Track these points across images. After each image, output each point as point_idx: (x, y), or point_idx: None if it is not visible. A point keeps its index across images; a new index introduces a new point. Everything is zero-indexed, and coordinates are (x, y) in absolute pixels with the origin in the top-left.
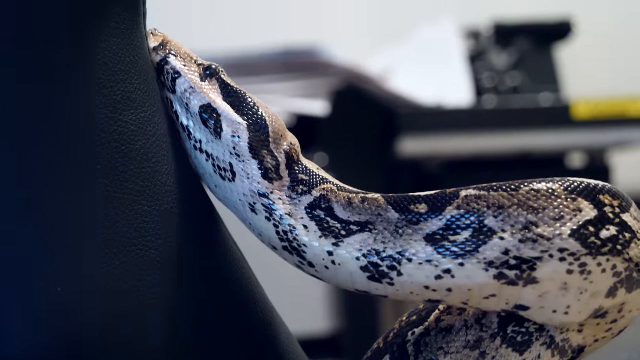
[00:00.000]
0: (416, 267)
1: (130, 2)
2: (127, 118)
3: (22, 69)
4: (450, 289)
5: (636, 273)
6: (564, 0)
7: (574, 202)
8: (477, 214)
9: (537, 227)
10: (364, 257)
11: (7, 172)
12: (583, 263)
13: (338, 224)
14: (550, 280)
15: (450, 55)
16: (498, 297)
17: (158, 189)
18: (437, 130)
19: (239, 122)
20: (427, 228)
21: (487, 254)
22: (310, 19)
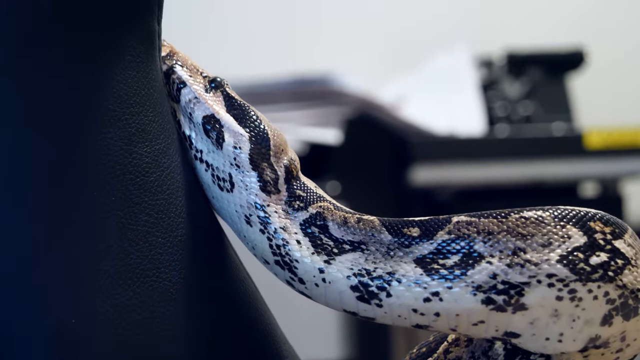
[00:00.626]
0: (405, 288)
1: (145, 35)
2: (141, 150)
3: (38, 101)
4: (438, 313)
5: (632, 300)
6: (577, 30)
7: (563, 229)
8: (467, 239)
9: (525, 253)
10: (354, 276)
11: (20, 205)
12: (573, 289)
13: (331, 242)
14: (540, 306)
15: (463, 84)
16: (487, 324)
17: (172, 221)
18: (450, 159)
19: (241, 134)
20: (417, 251)
21: (475, 277)
22: (324, 47)
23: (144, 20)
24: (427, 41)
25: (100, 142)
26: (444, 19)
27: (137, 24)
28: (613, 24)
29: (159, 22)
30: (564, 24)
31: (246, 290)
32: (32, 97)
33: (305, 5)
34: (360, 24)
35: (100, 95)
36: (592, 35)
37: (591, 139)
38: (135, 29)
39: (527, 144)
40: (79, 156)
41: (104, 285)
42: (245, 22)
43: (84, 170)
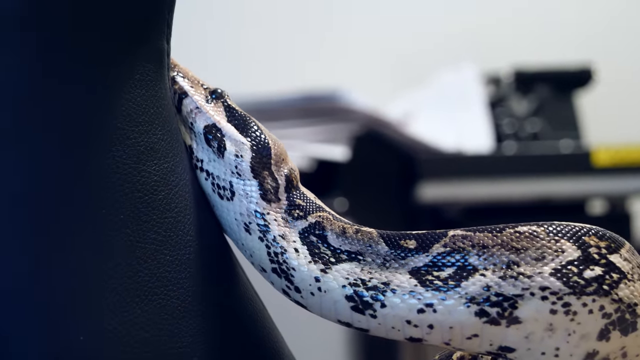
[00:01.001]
0: (399, 299)
1: (155, 54)
2: (150, 168)
3: (48, 118)
4: (432, 325)
5: (629, 315)
6: (584, 48)
7: (557, 243)
8: (462, 253)
9: (518, 266)
10: (349, 286)
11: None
12: (567, 303)
13: (329, 251)
14: (534, 320)
15: (470, 101)
16: (481, 338)
17: (180, 239)
18: (457, 176)
19: (242, 142)
20: (413, 263)
21: (468, 289)
22: (332, 64)
23: (154, 39)
24: (435, 58)
25: (109, 160)
26: (452, 36)
27: (147, 42)
28: (621, 42)
29: (168, 41)
30: (572, 41)
31: (254, 309)
32: (42, 114)
33: (313, 22)
34: (368, 40)
35: (110, 114)
36: (600, 52)
37: (599, 156)
38: (144, 48)
39: (534, 161)
40: (88, 173)
41: (112, 303)
42: (252, 40)
43: (93, 187)
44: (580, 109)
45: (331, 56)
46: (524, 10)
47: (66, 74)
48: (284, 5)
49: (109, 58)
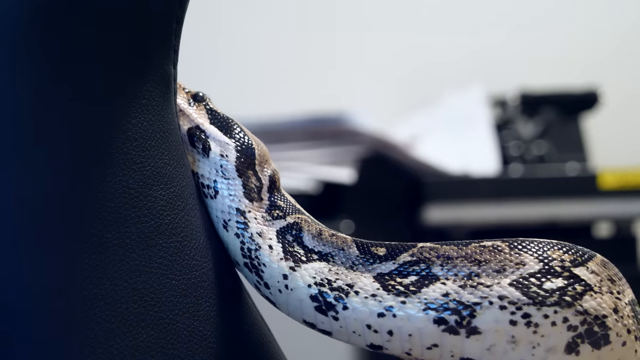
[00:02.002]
0: (361, 300)
1: (161, 78)
2: (156, 193)
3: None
4: (391, 331)
5: (598, 327)
6: (590, 71)
7: (518, 257)
8: (427, 263)
9: (478, 277)
10: (315, 286)
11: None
12: (527, 314)
13: (302, 250)
14: (494, 331)
15: (476, 124)
16: (441, 348)
17: (186, 263)
18: (464, 198)
19: (227, 143)
20: (379, 269)
21: (428, 295)
22: (338, 86)
23: (161, 64)
24: (442, 81)
25: (116, 185)
26: (458, 59)
27: (154, 67)
28: (627, 65)
29: (174, 65)
30: (578, 64)
31: (259, 332)
32: (49, 138)
33: (320, 44)
34: (375, 63)
35: (116, 138)
36: (605, 76)
37: (605, 179)
38: (151, 73)
39: (540, 184)
40: (95, 198)
41: (118, 327)
42: (259, 62)
43: (99, 212)
44: (586, 131)
45: (338, 79)
46: (530, 34)
47: (73, 98)
48: (290, 28)
49: (115, 83)
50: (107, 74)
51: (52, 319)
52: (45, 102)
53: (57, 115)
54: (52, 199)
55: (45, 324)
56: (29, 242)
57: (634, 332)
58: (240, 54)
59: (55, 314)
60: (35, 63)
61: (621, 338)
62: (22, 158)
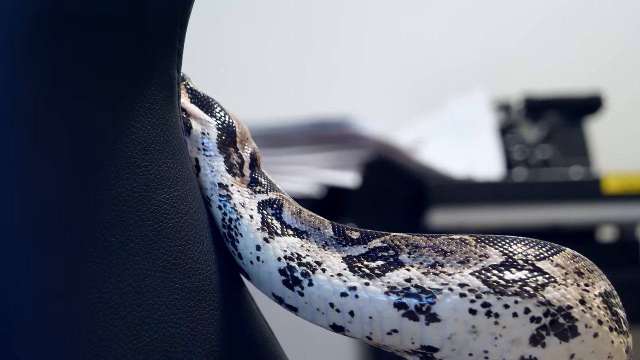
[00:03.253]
0: (327, 278)
1: (165, 82)
2: (160, 197)
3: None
4: (353, 312)
5: (563, 319)
6: (594, 75)
7: (483, 249)
8: (395, 249)
9: (442, 266)
10: (285, 259)
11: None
12: (486, 303)
13: (279, 224)
14: (454, 319)
15: (481, 128)
16: (400, 334)
17: (190, 267)
18: (467, 202)
19: (208, 121)
20: (350, 251)
21: (391, 278)
22: (342, 90)
23: (164, 68)
24: (446, 85)
25: (120, 188)
26: (462, 63)
27: (158, 71)
28: (631, 69)
29: (178, 69)
30: (582, 68)
31: (262, 336)
32: (52, 140)
33: (324, 49)
34: (379, 68)
35: (120, 141)
36: (610, 80)
37: (609, 183)
38: (154, 77)
39: (544, 188)
40: (99, 201)
41: (122, 331)
42: (263, 66)
43: (103, 215)
44: (590, 136)
45: (342, 83)
46: (534, 38)
47: (76, 101)
48: (294, 33)
49: (119, 86)
50: (110, 78)
51: (54, 323)
52: (47, 105)
53: (60, 119)
54: (55, 202)
55: (48, 328)
56: (31, 245)
57: (608, 323)
58: (245, 59)
59: (58, 317)
60: (39, 66)
61: (591, 329)
62: (25, 161)
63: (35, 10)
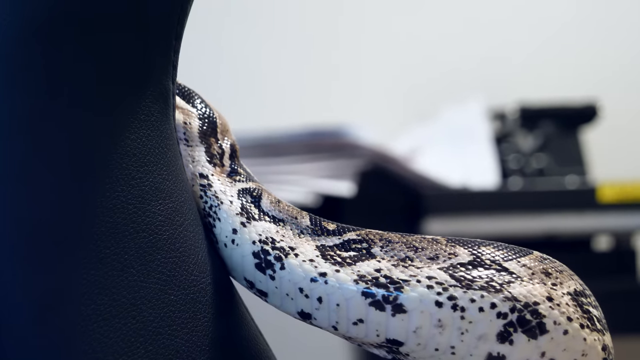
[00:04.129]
0: (299, 263)
1: (160, 94)
2: (155, 208)
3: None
4: (321, 298)
5: (531, 315)
6: (589, 84)
7: (452, 248)
8: (369, 243)
9: (412, 260)
10: (259, 243)
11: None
12: (453, 296)
13: (257, 211)
14: (419, 311)
15: (476, 137)
16: (366, 325)
17: (184, 278)
18: (463, 211)
19: (189, 110)
20: (324, 241)
21: (361, 268)
22: (338, 100)
23: (159, 79)
24: (441, 94)
25: (115, 200)
26: (457, 72)
27: (153, 83)
28: (626, 79)
29: (173, 81)
30: (577, 78)
31: (257, 348)
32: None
33: (319, 58)
34: (374, 77)
35: (115, 154)
36: (605, 89)
37: (604, 192)
38: (150, 88)
39: (540, 197)
40: (93, 213)
41: (116, 343)
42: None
43: (98, 227)
44: (585, 145)
45: (337, 92)
46: (530, 47)
47: (73, 112)
48: (290, 41)
49: (114, 98)
50: (106, 90)
51: (49, 334)
52: (44, 115)
53: (57, 130)
54: (50, 214)
55: (42, 339)
56: (25, 256)
57: (578, 320)
58: (241, 66)
59: (52, 329)
60: (35, 76)
61: (560, 326)
62: (21, 172)
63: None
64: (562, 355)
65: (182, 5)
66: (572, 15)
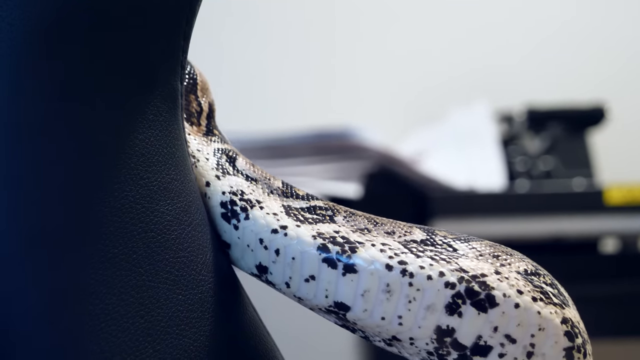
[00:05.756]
0: (263, 215)
1: (168, 94)
2: (163, 208)
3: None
4: (279, 250)
5: (479, 287)
6: (597, 86)
7: (410, 228)
8: (334, 211)
9: (369, 231)
10: (229, 194)
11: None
12: (403, 261)
13: (231, 168)
14: (369, 273)
15: (483, 139)
16: (317, 283)
17: (192, 278)
18: (470, 213)
19: None
20: (291, 202)
21: (321, 227)
22: (344, 102)
23: (168, 79)
24: (448, 96)
25: (123, 200)
26: (464, 74)
27: (161, 83)
28: (634, 81)
29: (181, 81)
30: (585, 80)
31: (265, 347)
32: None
33: (325, 60)
34: (381, 78)
35: (123, 153)
36: (612, 91)
37: (611, 194)
38: (158, 89)
39: (547, 200)
40: (102, 213)
41: (124, 342)
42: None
43: (106, 227)
44: (592, 147)
45: (344, 94)
46: (537, 49)
47: (80, 113)
48: (297, 42)
49: (123, 99)
50: (114, 90)
51: (57, 334)
52: (51, 117)
53: (64, 131)
54: (59, 214)
55: (50, 338)
56: (34, 256)
57: (530, 293)
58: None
59: (60, 328)
60: (42, 79)
61: (510, 299)
62: (29, 174)
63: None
64: (518, 331)
65: (191, 5)
66: (580, 17)
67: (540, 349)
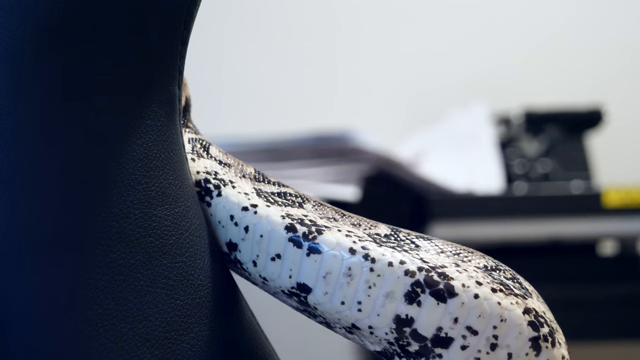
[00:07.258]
0: (234, 193)
1: (166, 99)
2: (161, 213)
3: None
4: (248, 227)
5: (438, 277)
6: (595, 89)
7: (376, 223)
8: (303, 199)
9: (336, 220)
10: (203, 173)
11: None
12: (366, 246)
13: (206, 154)
14: (333, 256)
15: (481, 142)
16: (282, 262)
17: (191, 283)
18: (468, 216)
19: None
20: (262, 186)
21: (290, 210)
22: (343, 104)
23: (166, 84)
24: (445, 99)
25: (121, 205)
26: (462, 77)
27: (159, 88)
28: (632, 83)
29: (179, 86)
30: (583, 82)
31: (263, 353)
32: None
33: (323, 63)
34: (378, 81)
35: (121, 158)
36: (610, 94)
37: (610, 197)
38: (156, 94)
39: (545, 202)
40: (100, 218)
41: (122, 347)
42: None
43: (104, 232)
44: (590, 149)
45: (342, 97)
46: (534, 52)
47: (78, 118)
48: (294, 46)
49: (121, 104)
50: (112, 95)
51: (55, 338)
52: (50, 121)
53: (62, 135)
54: (57, 218)
55: (48, 343)
56: (32, 261)
57: (489, 284)
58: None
59: (58, 333)
60: (40, 82)
61: (470, 290)
62: (27, 178)
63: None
64: (479, 322)
65: (189, 9)
66: (578, 19)
67: (504, 340)
